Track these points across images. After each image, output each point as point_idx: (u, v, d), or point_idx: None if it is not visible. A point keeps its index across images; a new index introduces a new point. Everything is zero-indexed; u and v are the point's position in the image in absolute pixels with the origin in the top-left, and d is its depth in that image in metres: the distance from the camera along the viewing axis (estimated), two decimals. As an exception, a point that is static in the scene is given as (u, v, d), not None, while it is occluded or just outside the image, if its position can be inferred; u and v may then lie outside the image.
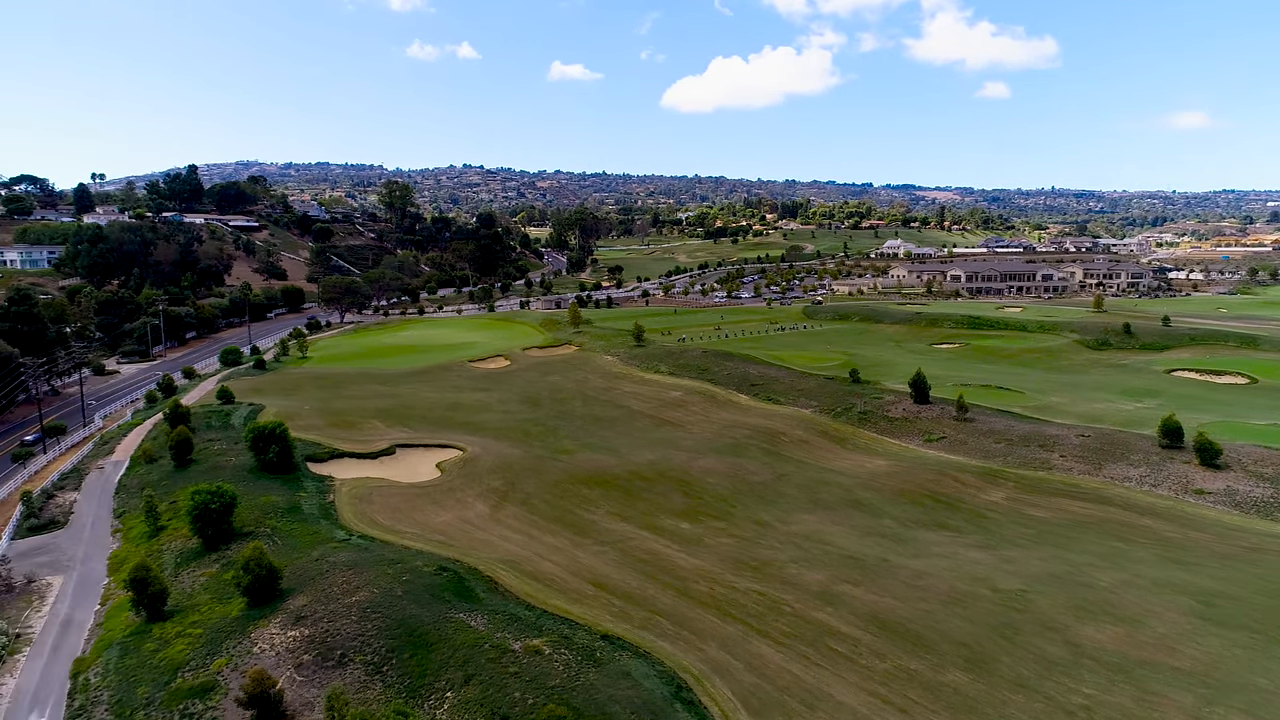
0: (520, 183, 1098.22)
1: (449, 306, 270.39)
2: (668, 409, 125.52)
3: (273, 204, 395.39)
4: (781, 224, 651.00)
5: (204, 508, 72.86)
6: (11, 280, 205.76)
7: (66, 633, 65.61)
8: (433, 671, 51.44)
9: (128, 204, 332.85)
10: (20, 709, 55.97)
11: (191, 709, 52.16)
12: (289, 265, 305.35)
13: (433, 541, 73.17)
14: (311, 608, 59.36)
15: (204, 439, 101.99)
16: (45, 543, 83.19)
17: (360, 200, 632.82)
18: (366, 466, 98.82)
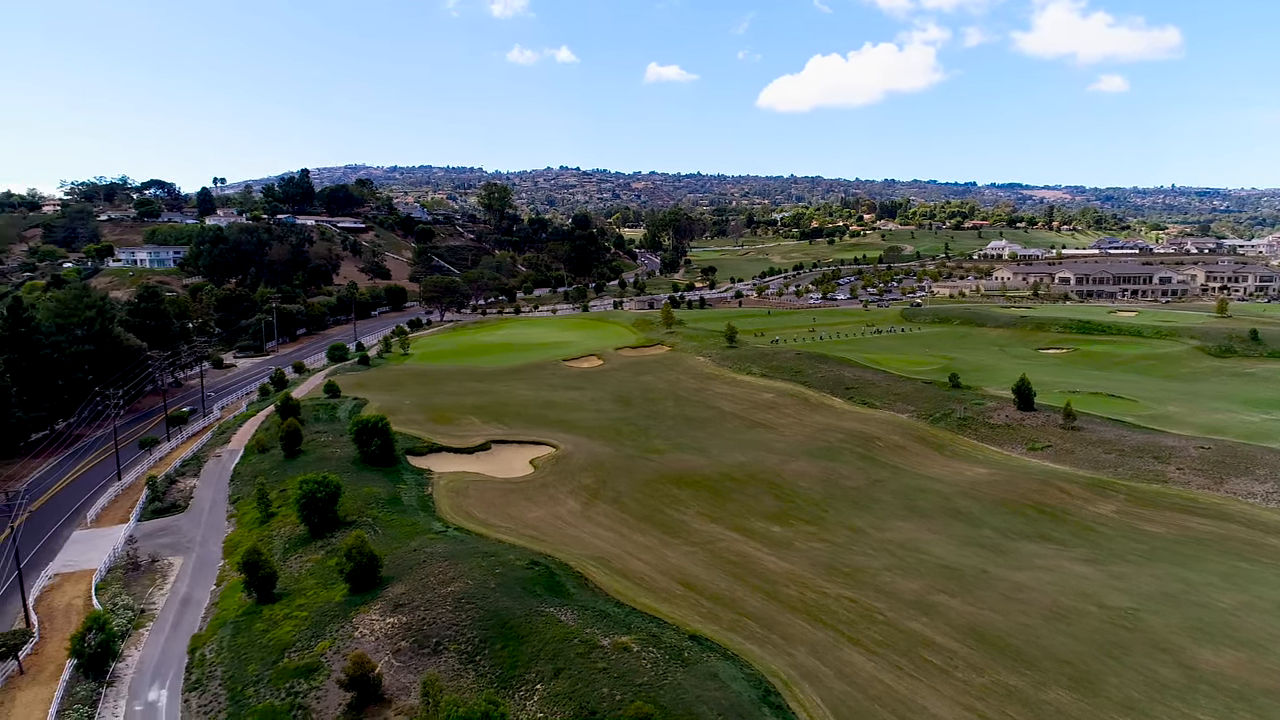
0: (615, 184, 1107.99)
1: (544, 306, 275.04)
2: (759, 411, 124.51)
3: (378, 206, 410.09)
4: (879, 224, 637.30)
5: (311, 496, 76.21)
6: (141, 278, 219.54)
7: (185, 610, 69.64)
8: (523, 664, 52.43)
9: (245, 206, 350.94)
10: (144, 680, 59.74)
11: (297, 688, 54.63)
12: (392, 265, 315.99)
13: (525, 536, 74.57)
14: (409, 596, 61.31)
15: (312, 431, 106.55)
16: (168, 525, 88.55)
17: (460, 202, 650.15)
18: (463, 461, 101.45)
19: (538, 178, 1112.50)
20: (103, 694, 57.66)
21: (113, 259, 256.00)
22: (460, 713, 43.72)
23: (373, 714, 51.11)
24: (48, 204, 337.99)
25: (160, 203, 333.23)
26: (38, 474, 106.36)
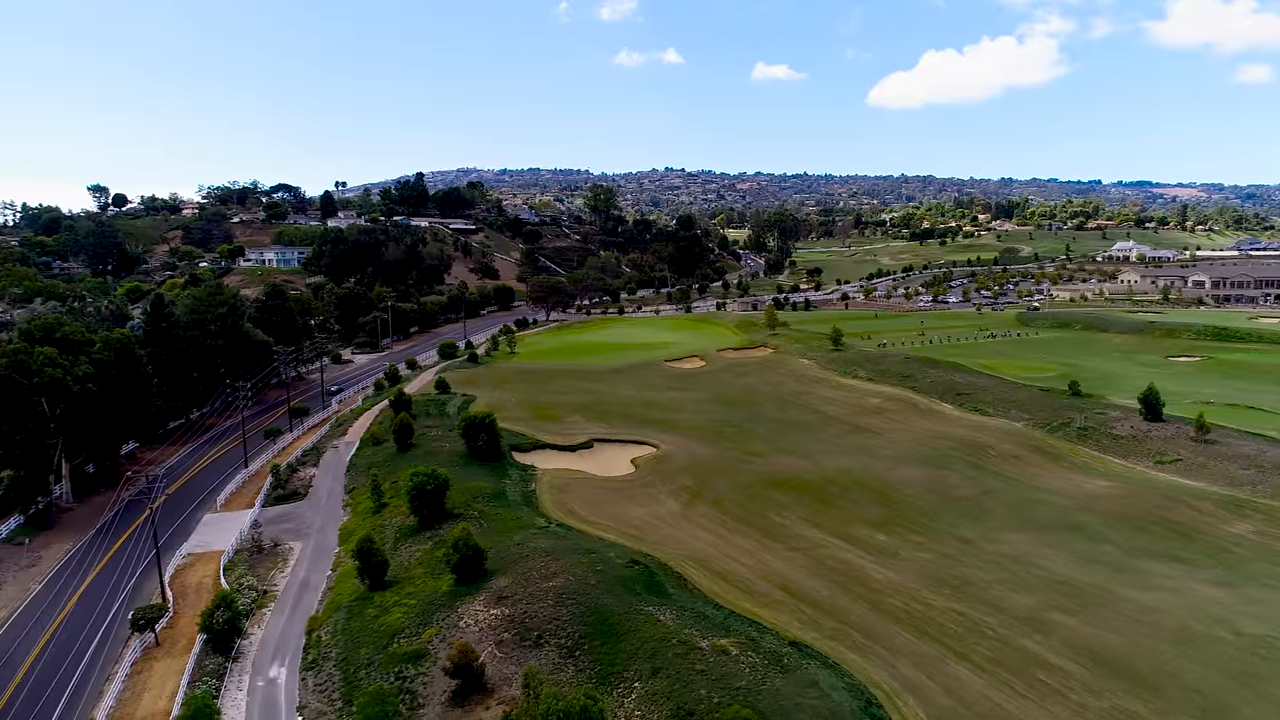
0: (720, 185, 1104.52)
1: (647, 307, 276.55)
2: (865, 415, 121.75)
3: (488, 208, 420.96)
4: (995, 225, 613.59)
5: (420, 489, 78.90)
6: (268, 277, 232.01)
7: (303, 593, 73.20)
8: (622, 661, 52.82)
9: (364, 209, 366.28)
10: (265, 657, 63.13)
11: (405, 673, 56.64)
12: (501, 265, 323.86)
13: (626, 535, 75.13)
14: (512, 589, 62.67)
15: (422, 425, 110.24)
16: (289, 511, 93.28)
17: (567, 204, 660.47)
18: (566, 458, 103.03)
19: (643, 179, 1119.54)
20: (228, 668, 61.23)
21: (243, 259, 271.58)
22: (560, 706, 44.38)
23: (475, 703, 52.48)
24: (187, 207, 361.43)
25: (287, 205, 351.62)
26: (174, 460, 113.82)
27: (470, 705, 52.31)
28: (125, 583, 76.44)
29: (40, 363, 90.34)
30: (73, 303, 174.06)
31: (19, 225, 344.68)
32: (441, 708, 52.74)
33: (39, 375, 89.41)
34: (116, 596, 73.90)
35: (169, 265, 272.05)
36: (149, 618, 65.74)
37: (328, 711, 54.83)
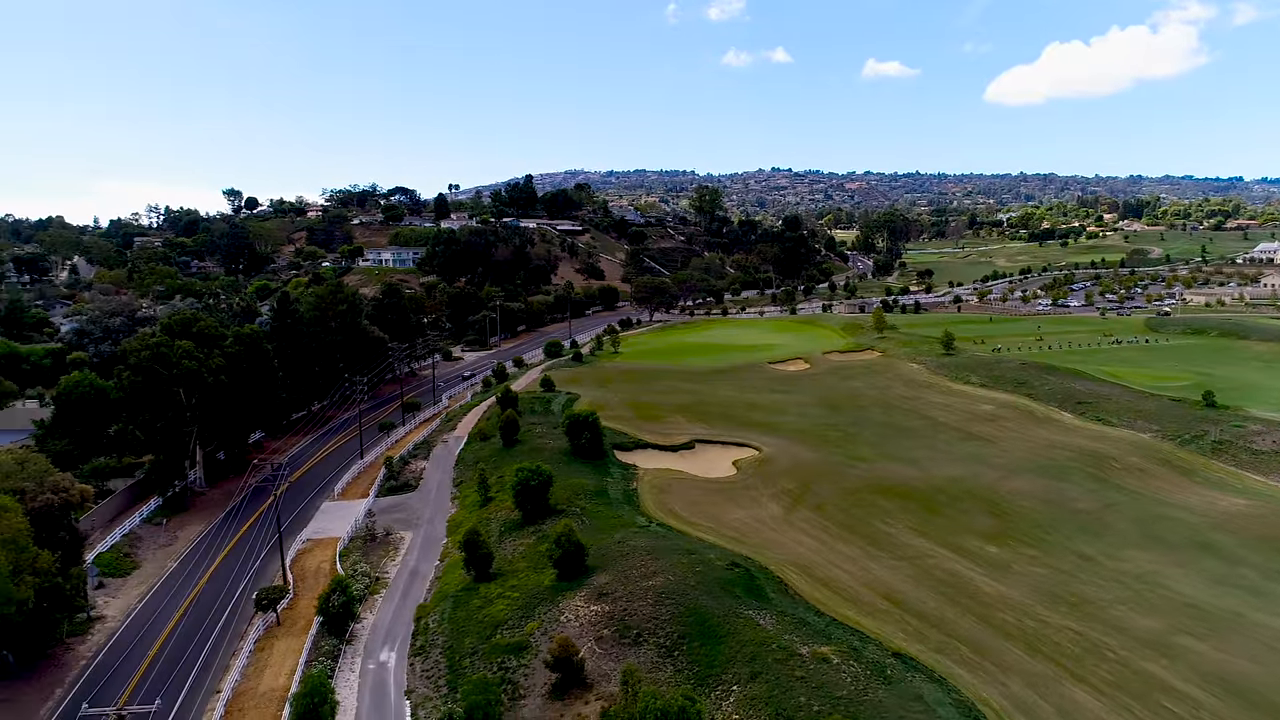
0: (828, 185, 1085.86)
1: (751, 308, 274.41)
2: (977, 423, 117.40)
3: (594, 209, 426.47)
4: (1122, 225, 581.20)
5: (525, 484, 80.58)
6: (385, 277, 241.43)
7: (413, 582, 75.86)
8: (720, 663, 52.60)
9: (475, 210, 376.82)
10: (377, 641, 65.76)
11: (507, 663, 57.97)
12: (606, 266, 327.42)
13: (726, 537, 74.77)
14: (612, 586, 63.27)
15: (528, 422, 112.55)
16: (400, 502, 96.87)
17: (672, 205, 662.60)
18: (667, 458, 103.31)
19: (748, 180, 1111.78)
20: (342, 650, 64.06)
21: (362, 259, 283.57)
22: (658, 705, 44.53)
23: (575, 697, 53.23)
24: (311, 210, 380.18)
25: (403, 208, 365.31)
26: (296, 449, 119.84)
27: (569, 699, 53.09)
28: (250, 564, 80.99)
29: (179, 355, 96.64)
30: (208, 299, 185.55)
31: (162, 227, 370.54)
32: (542, 700, 53.72)
33: (177, 366, 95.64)
34: (242, 577, 78.39)
35: (294, 265, 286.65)
36: (271, 598, 69.47)
37: (433, 697, 56.65)
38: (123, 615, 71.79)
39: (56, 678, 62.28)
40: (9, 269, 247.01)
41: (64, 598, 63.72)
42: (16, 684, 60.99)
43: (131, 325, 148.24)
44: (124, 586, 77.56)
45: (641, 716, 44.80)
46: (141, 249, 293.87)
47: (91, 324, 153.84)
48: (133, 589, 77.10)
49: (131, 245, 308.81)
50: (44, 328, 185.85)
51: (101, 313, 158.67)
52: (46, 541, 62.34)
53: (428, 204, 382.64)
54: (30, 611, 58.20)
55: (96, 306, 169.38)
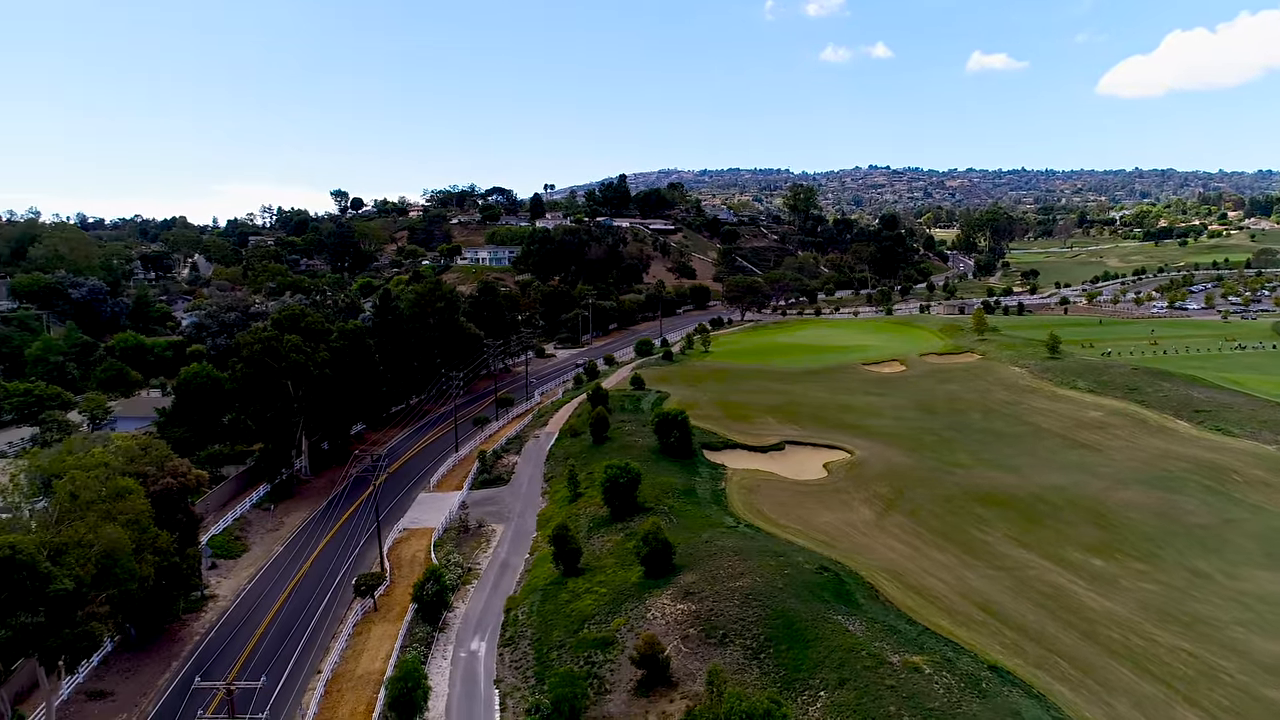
0: (928, 182, 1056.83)
1: (845, 308, 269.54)
2: (1084, 430, 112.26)
3: (687, 208, 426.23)
4: (1248, 223, 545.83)
5: (614, 481, 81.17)
6: (481, 275, 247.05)
7: (503, 574, 77.40)
8: (807, 668, 51.83)
9: (570, 210, 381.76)
10: (468, 630, 67.36)
11: (594, 658, 58.52)
12: (698, 265, 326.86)
13: (815, 540, 73.65)
14: (699, 586, 63.12)
15: (617, 419, 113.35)
16: (492, 495, 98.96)
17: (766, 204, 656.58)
18: (756, 459, 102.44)
19: (845, 178, 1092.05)
20: (435, 637, 65.87)
21: (460, 257, 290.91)
22: (743, 707, 44.21)
23: (659, 695, 53.34)
24: (413, 210, 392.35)
25: (500, 207, 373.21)
26: (395, 441, 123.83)
27: (654, 696, 53.22)
28: (350, 551, 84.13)
29: (287, 349, 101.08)
30: (315, 296, 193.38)
31: (274, 227, 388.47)
32: (627, 696, 54.02)
33: (286, 360, 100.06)
34: (343, 563, 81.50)
35: (396, 263, 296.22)
36: (369, 585, 71.99)
37: (521, 687, 57.66)
38: (233, 595, 75.63)
39: (173, 651, 66.07)
40: (137, 266, 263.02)
41: (181, 576, 67.47)
42: (138, 656, 64.99)
43: (245, 320, 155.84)
44: (234, 568, 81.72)
45: (726, 718, 44.56)
46: (255, 247, 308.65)
47: (209, 318, 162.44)
48: (242, 570, 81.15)
49: (246, 244, 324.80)
50: (167, 321, 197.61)
51: (218, 308, 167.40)
52: (165, 523, 66.11)
53: (523, 204, 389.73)
54: (150, 588, 61.85)
55: (214, 302, 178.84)
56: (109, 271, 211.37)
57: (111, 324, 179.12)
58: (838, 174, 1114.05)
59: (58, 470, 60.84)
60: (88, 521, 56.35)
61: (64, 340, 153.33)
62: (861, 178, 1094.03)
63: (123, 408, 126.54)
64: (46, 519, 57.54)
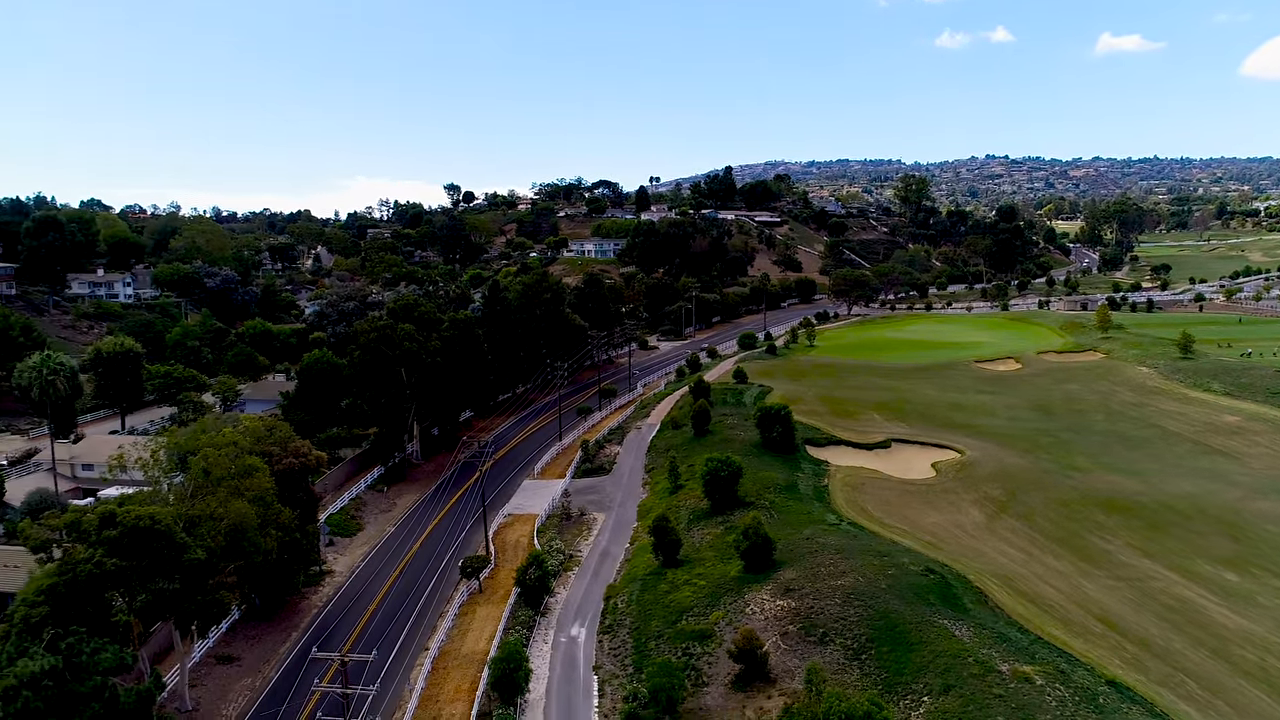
0: (1049, 172, 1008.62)
1: (958, 303, 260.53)
2: (1218, 435, 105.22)
3: (793, 200, 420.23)
4: None
5: (715, 474, 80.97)
6: (587, 267, 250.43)
7: (603, 562, 78.36)
8: (910, 672, 50.51)
9: (674, 203, 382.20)
10: (569, 616, 68.55)
11: (691, 650, 58.62)
12: (804, 258, 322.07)
13: (921, 541, 71.65)
14: (799, 583, 62.34)
15: (719, 413, 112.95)
16: (594, 484, 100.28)
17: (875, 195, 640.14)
18: (861, 456, 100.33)
19: (960, 168, 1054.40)
20: (537, 621, 67.31)
21: (566, 249, 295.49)
22: (842, 707, 43.45)
23: (757, 690, 53.00)
24: (521, 203, 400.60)
25: (605, 200, 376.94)
26: (501, 429, 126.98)
27: (751, 691, 52.93)
28: (457, 534, 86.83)
29: (401, 337, 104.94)
30: (428, 286, 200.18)
31: (390, 220, 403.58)
32: (724, 689, 53.92)
33: (399, 348, 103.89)
34: (450, 545, 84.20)
35: (504, 255, 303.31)
36: (475, 567, 74.13)
37: (619, 674, 58.30)
38: (348, 571, 79.24)
39: (293, 622, 69.76)
40: (265, 257, 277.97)
41: (301, 552, 71.08)
42: (261, 625, 68.90)
43: (362, 309, 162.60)
44: (350, 546, 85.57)
45: (825, 717, 43.90)
46: (373, 240, 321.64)
47: (329, 307, 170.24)
48: (357, 548, 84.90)
49: (365, 236, 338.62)
50: (291, 309, 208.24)
51: (338, 297, 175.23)
52: (288, 500, 69.71)
53: (629, 197, 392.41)
54: (273, 562, 65.31)
55: (334, 291, 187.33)
56: (240, 262, 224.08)
57: (242, 311, 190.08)
58: (952, 164, 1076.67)
59: (192, 448, 64.91)
60: (218, 496, 60.01)
61: (199, 326, 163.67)
62: (978, 168, 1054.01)
63: (251, 390, 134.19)
64: (182, 493, 61.54)
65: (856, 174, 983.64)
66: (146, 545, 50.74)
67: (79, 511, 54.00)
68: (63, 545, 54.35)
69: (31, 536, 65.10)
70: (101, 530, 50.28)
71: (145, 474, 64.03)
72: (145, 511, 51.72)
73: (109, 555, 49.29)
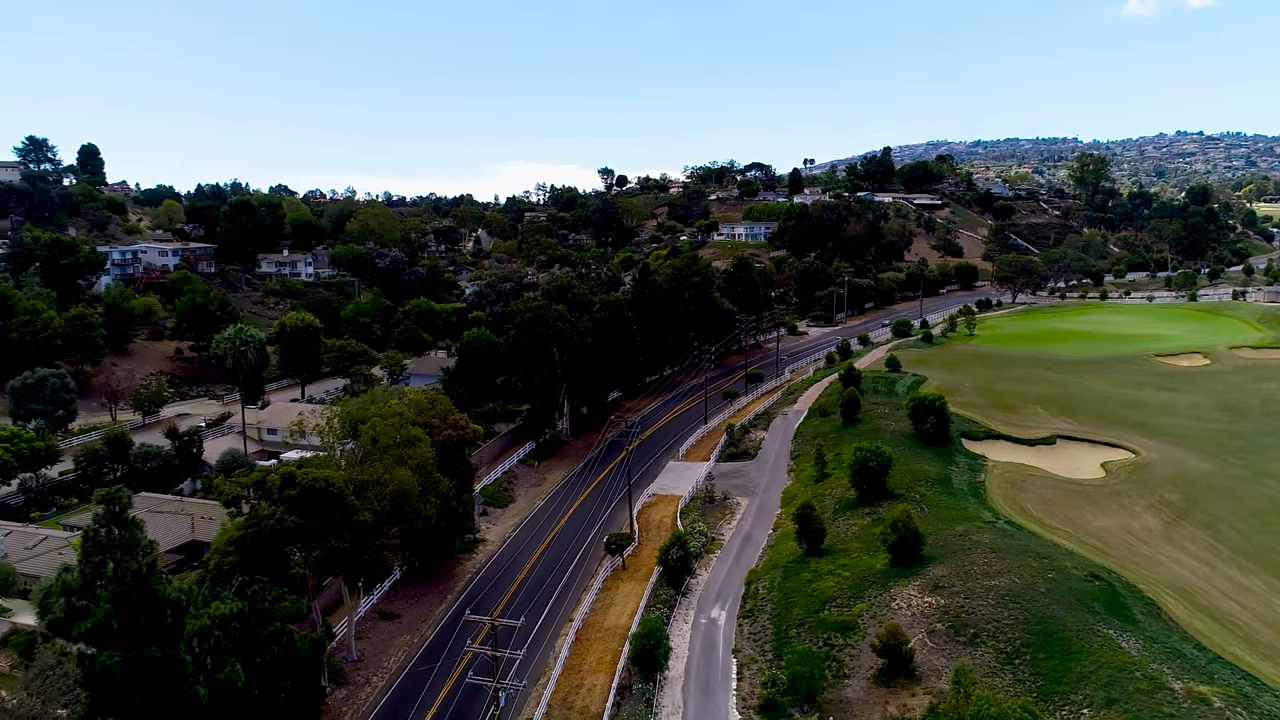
0: (1250, 149, 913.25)
1: (1137, 292, 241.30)
2: None
3: (956, 182, 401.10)
4: None
5: (863, 464, 79.00)
6: (737, 251, 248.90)
7: (745, 546, 78.21)
8: (1069, 681, 47.72)
9: (829, 185, 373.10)
10: (709, 598, 68.95)
11: (833, 640, 57.67)
12: (965, 242, 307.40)
13: (1086, 545, 67.32)
14: (950, 580, 60.03)
15: (869, 401, 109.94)
16: (738, 468, 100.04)
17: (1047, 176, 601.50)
18: (1022, 452, 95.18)
19: (1144, 146, 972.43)
20: (677, 601, 68.08)
21: (716, 233, 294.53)
22: (992, 712, 41.68)
23: (900, 687, 51.56)
24: (673, 186, 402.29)
25: (758, 183, 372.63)
26: (647, 410, 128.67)
27: (895, 688, 51.56)
28: (603, 510, 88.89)
29: (554, 318, 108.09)
30: (580, 268, 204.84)
31: (546, 203, 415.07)
32: (866, 683, 52.78)
33: (552, 328, 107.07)
34: (595, 521, 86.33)
35: (655, 238, 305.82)
36: (619, 544, 75.75)
37: (758, 659, 58.16)
38: (499, 541, 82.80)
39: (448, 585, 73.69)
40: (430, 239, 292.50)
41: (457, 519, 74.89)
42: (420, 586, 73.19)
43: (518, 290, 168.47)
44: (502, 516, 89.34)
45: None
46: (529, 223, 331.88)
47: (488, 288, 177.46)
48: (508, 519, 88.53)
49: (522, 219, 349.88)
50: (453, 289, 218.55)
51: (496, 278, 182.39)
52: (446, 470, 73.48)
53: (781, 179, 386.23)
54: (432, 528, 69.19)
55: (492, 272, 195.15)
56: (408, 244, 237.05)
57: (408, 290, 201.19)
58: (1135, 142, 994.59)
59: (362, 417, 69.59)
60: (384, 464, 64.10)
61: (370, 304, 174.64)
62: (1165, 146, 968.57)
63: (415, 365, 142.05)
64: (353, 459, 66.13)
65: (1027, 153, 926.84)
66: (321, 505, 54.91)
67: (264, 472, 59.14)
68: (250, 501, 59.62)
69: (224, 492, 71.90)
70: (283, 490, 54.81)
71: (321, 440, 69.29)
72: (320, 475, 55.98)
73: (289, 513, 53.70)
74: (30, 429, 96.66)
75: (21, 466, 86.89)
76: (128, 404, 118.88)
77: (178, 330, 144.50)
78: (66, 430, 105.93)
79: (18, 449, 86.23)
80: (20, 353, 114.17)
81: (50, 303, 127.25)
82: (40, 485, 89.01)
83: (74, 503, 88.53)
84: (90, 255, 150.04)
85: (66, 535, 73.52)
